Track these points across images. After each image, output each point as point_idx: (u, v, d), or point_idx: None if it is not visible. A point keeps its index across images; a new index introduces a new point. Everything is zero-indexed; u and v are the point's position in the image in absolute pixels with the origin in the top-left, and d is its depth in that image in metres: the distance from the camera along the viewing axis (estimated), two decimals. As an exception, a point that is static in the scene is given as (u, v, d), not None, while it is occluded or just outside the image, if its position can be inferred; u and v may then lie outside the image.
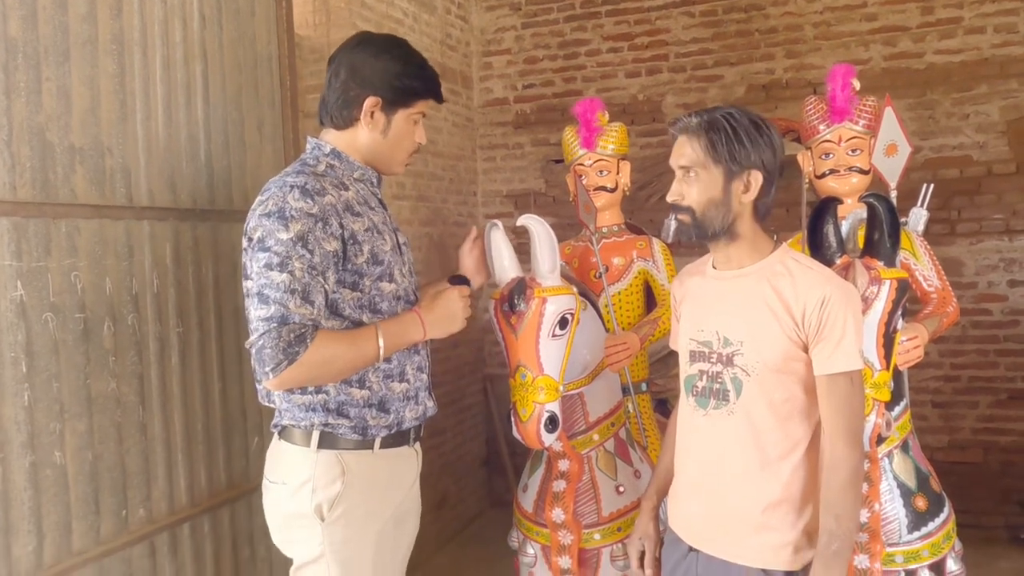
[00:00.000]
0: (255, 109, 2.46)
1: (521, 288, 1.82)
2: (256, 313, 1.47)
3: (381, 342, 1.55)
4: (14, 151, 1.75)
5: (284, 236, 1.47)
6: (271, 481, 1.65)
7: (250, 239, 1.53)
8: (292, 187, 1.52)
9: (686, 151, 1.50)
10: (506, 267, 1.89)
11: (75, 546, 1.85)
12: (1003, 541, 3.72)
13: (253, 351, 1.47)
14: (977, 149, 3.86)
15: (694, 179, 1.49)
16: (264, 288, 1.46)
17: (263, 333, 1.44)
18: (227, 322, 2.31)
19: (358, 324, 1.58)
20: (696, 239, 1.53)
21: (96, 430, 1.91)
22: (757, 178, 1.48)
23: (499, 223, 1.91)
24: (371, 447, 1.62)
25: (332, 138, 1.67)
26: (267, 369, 1.44)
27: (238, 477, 2.34)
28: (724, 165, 1.47)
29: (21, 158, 1.77)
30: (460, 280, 1.78)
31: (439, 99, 1.74)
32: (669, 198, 1.53)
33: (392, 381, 1.63)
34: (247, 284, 1.53)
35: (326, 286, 1.51)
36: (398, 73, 1.63)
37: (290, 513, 1.60)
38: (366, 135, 1.65)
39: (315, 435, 1.58)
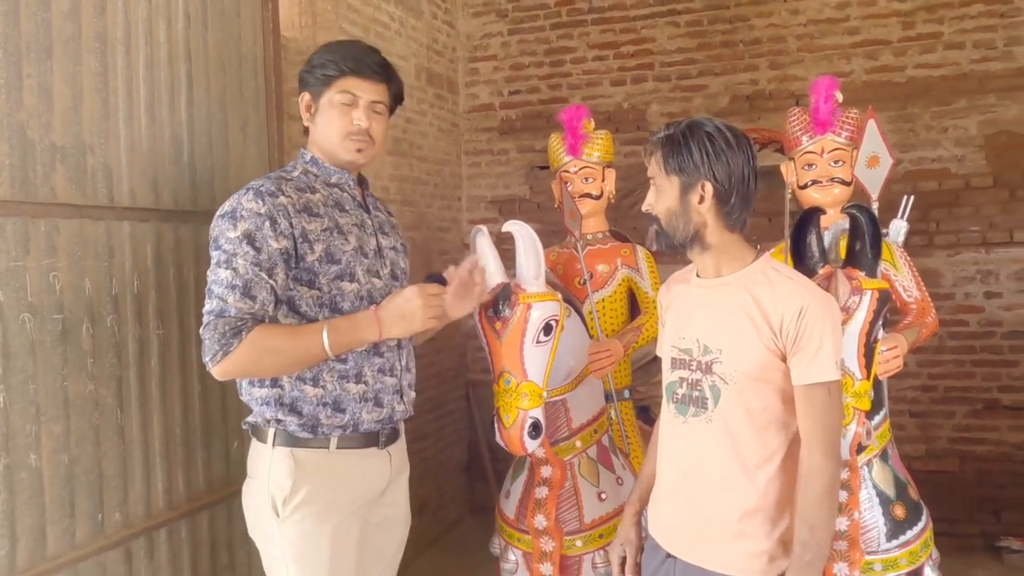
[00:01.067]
0: (239, 110, 2.44)
1: (506, 294, 1.82)
2: (205, 307, 1.57)
3: (325, 337, 1.56)
4: (-7, 149, 1.72)
5: (232, 235, 1.55)
6: (248, 475, 1.73)
7: (210, 239, 1.62)
8: (248, 189, 1.61)
9: (651, 163, 1.56)
10: (491, 272, 1.89)
11: (49, 550, 1.82)
12: (979, 549, 3.77)
13: (202, 342, 1.56)
14: (955, 162, 3.92)
15: (655, 190, 1.55)
16: (211, 284, 1.56)
17: (205, 325, 1.55)
18: (208, 325, 2.29)
19: (314, 321, 1.62)
20: (667, 247, 1.58)
21: (73, 432, 1.88)
22: (708, 189, 1.50)
23: (484, 228, 1.91)
24: (326, 446, 1.65)
25: (309, 145, 1.77)
26: (207, 359, 1.54)
27: (217, 481, 2.31)
28: (677, 176, 1.51)
29: (0, 155, 1.74)
30: (434, 278, 1.76)
31: (365, 76, 1.69)
32: (643, 208, 1.59)
33: (347, 382, 1.66)
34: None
35: (272, 282, 1.56)
36: (316, 64, 1.70)
37: (253, 506, 1.69)
38: (312, 131, 1.73)
39: (270, 432, 1.65)
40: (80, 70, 1.92)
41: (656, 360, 2.41)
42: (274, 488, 1.63)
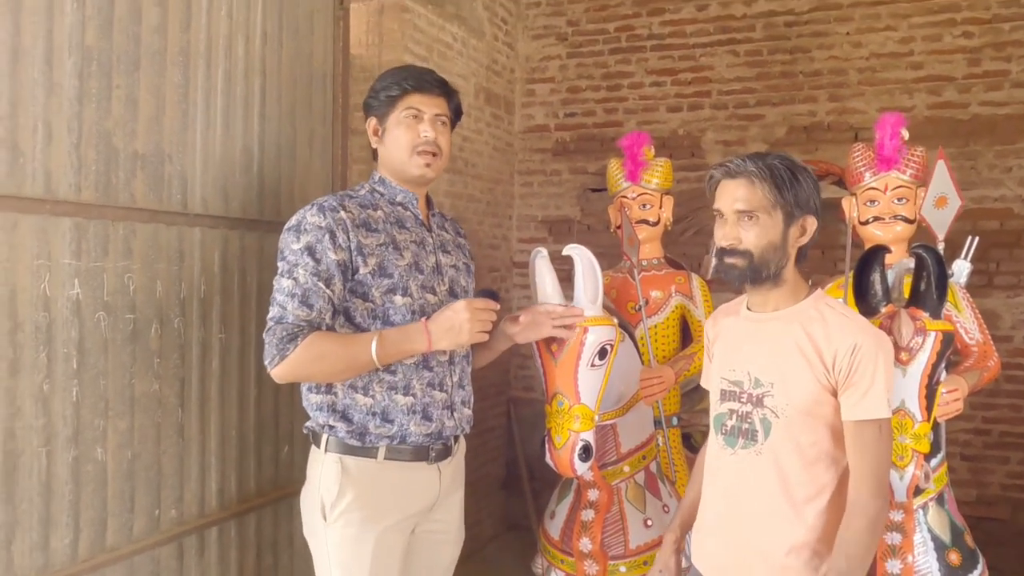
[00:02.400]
0: (307, 124, 2.52)
1: (563, 316, 1.83)
2: (268, 314, 1.67)
3: (374, 345, 1.63)
4: (82, 154, 1.81)
5: (295, 246, 1.66)
6: (306, 479, 1.79)
7: (279, 249, 1.72)
8: (313, 205, 1.71)
9: (744, 195, 1.50)
10: (549, 294, 1.91)
11: (109, 542, 1.88)
12: (1029, 602, 3.64)
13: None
14: (1019, 202, 3.83)
15: (753, 223, 1.50)
16: (275, 292, 1.66)
17: (266, 331, 1.64)
18: (267, 331, 2.35)
19: (367, 331, 1.69)
20: (749, 283, 1.53)
21: (137, 429, 1.95)
22: (812, 223, 1.50)
23: (544, 251, 1.93)
24: (373, 455, 1.70)
25: (378, 168, 1.87)
26: (266, 362, 1.64)
27: (267, 484, 2.37)
28: (786, 210, 1.49)
29: (87, 161, 1.83)
30: (487, 293, 1.80)
31: (427, 90, 1.78)
32: (724, 242, 1.53)
33: (396, 393, 1.71)
34: None
35: (330, 292, 1.65)
36: (380, 88, 1.80)
37: (308, 508, 1.76)
38: (381, 153, 1.82)
39: (324, 438, 1.72)
40: (164, 82, 2.01)
41: (698, 389, 2.40)
42: (324, 492, 1.70)
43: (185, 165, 2.08)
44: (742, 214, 1.50)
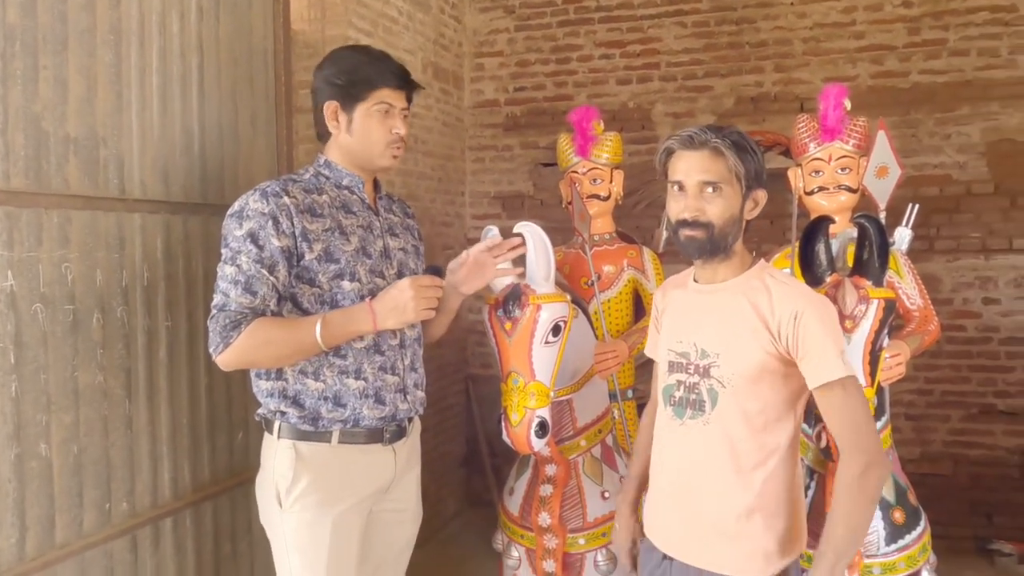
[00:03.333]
0: (249, 103, 2.45)
1: (516, 294, 1.83)
2: (212, 301, 1.66)
3: (318, 328, 1.62)
4: (8, 139, 1.73)
5: (238, 233, 1.64)
6: (260, 467, 1.79)
7: (220, 237, 1.70)
8: (256, 190, 1.68)
9: (709, 166, 1.49)
10: (497, 272, 1.91)
11: (58, 539, 1.83)
12: (971, 552, 3.81)
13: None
14: (957, 169, 3.94)
15: (717, 195, 1.49)
16: (219, 279, 1.65)
17: (210, 318, 1.64)
18: (216, 317, 2.30)
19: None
20: (708, 255, 1.53)
21: (82, 422, 1.89)
22: (763, 196, 1.53)
23: (495, 228, 1.92)
24: (327, 439, 1.70)
25: (327, 150, 1.81)
26: (211, 349, 1.64)
27: (221, 472, 2.33)
28: (745, 182, 1.50)
29: (15, 147, 1.74)
30: (432, 270, 1.81)
31: (397, 84, 1.76)
32: (686, 214, 1.51)
33: (347, 377, 1.71)
34: None
35: (273, 279, 1.64)
36: (337, 72, 1.74)
37: (262, 495, 1.76)
38: (340, 139, 1.77)
39: (276, 424, 1.71)
40: (94, 62, 1.93)
41: (655, 359, 2.43)
42: (278, 479, 1.70)
43: (121, 148, 2.00)
44: (706, 185, 1.50)
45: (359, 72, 1.74)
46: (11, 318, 1.72)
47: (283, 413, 1.71)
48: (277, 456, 1.71)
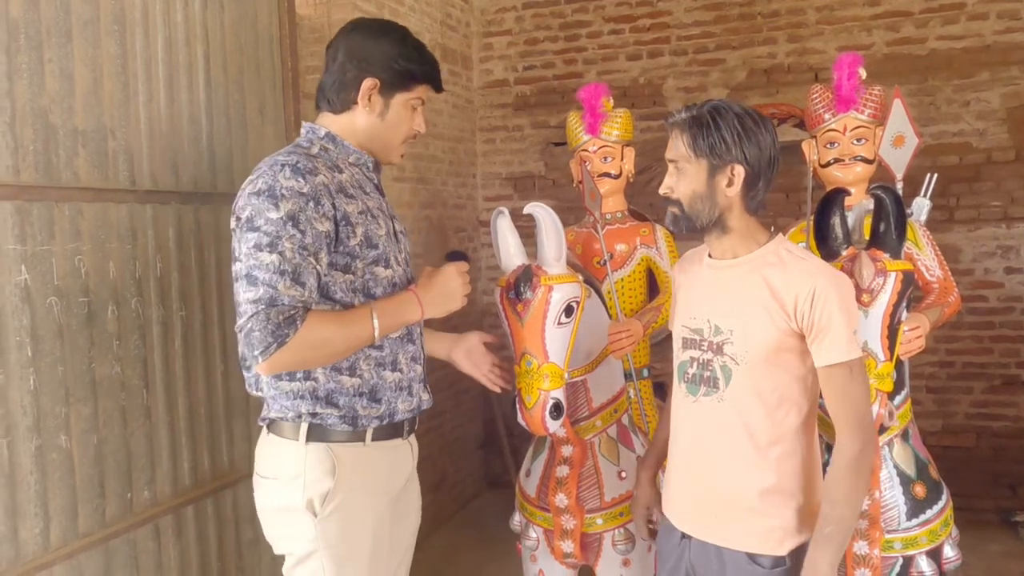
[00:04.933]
0: (256, 90, 2.44)
1: (527, 276, 1.82)
2: (245, 295, 1.42)
3: (376, 322, 1.51)
4: (17, 134, 1.73)
5: (274, 215, 1.43)
6: (261, 476, 1.62)
7: (238, 219, 1.48)
8: (283, 166, 1.48)
9: (672, 144, 1.53)
10: (512, 254, 1.89)
11: (81, 528, 1.86)
12: (994, 524, 3.78)
13: (242, 335, 1.42)
14: (977, 136, 3.86)
15: (680, 173, 1.53)
16: (253, 269, 1.42)
17: (252, 315, 1.40)
18: (229, 305, 2.29)
19: (349, 308, 1.54)
20: (686, 231, 1.56)
21: (101, 413, 1.91)
22: (739, 172, 1.49)
23: (505, 210, 1.91)
24: (362, 439, 1.58)
25: (328, 122, 1.65)
26: (256, 353, 1.40)
27: (241, 459, 2.35)
28: (706, 159, 1.49)
29: (24, 141, 1.75)
30: (457, 256, 1.74)
31: (438, 87, 1.70)
32: (661, 190, 1.57)
33: (384, 370, 1.59)
34: (236, 266, 1.48)
35: (318, 267, 1.47)
36: (397, 55, 1.61)
37: (281, 508, 1.57)
38: (364, 118, 1.63)
39: (303, 427, 1.54)
40: (99, 53, 1.92)
41: (671, 337, 2.42)
42: (310, 486, 1.52)
43: (130, 140, 2.01)
44: (672, 163, 1.54)
45: (415, 63, 1.62)
46: (26, 312, 1.74)
47: (315, 414, 1.54)
48: (308, 462, 1.53)
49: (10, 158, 1.72)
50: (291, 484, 1.54)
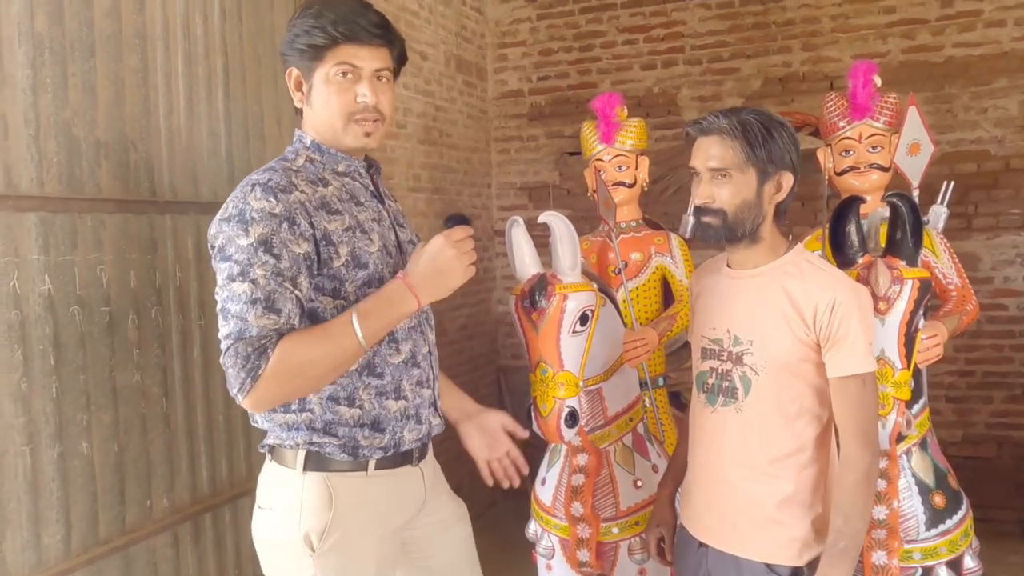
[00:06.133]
0: (274, 102, 2.47)
1: (542, 284, 1.83)
2: (221, 332, 1.32)
3: (358, 327, 1.33)
4: (41, 146, 1.77)
5: (244, 242, 1.30)
6: (259, 506, 1.50)
7: (212, 247, 1.36)
8: (254, 185, 1.34)
9: (717, 152, 1.47)
10: (527, 263, 1.90)
11: (101, 535, 1.88)
12: (1015, 535, 3.72)
13: (225, 373, 1.33)
14: (995, 143, 3.83)
15: (726, 181, 1.48)
16: (226, 302, 1.31)
17: (224, 352, 1.30)
18: (248, 315, 2.33)
19: None
20: (725, 241, 1.52)
21: (121, 421, 1.94)
22: (788, 179, 1.49)
23: (520, 219, 1.91)
24: (364, 469, 1.44)
25: (304, 127, 1.49)
26: (235, 391, 1.30)
27: (258, 468, 2.33)
28: (759, 167, 1.47)
29: (48, 153, 1.79)
30: (457, 219, 1.45)
31: (366, 41, 1.41)
32: (698, 201, 1.51)
33: (386, 399, 1.45)
34: (216, 297, 1.36)
35: (297, 292, 1.33)
36: (296, 34, 1.42)
37: (275, 540, 1.44)
38: (307, 115, 1.47)
39: (300, 455, 1.41)
40: (121, 67, 1.96)
41: (687, 346, 2.41)
42: (307, 519, 1.40)
43: (151, 151, 2.04)
44: (715, 172, 1.48)
45: (315, 27, 1.39)
46: (49, 321, 1.77)
47: (313, 443, 1.41)
48: (305, 493, 1.40)
49: (35, 170, 1.75)
50: (286, 515, 1.42)
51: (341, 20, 1.39)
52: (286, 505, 1.42)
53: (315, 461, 1.42)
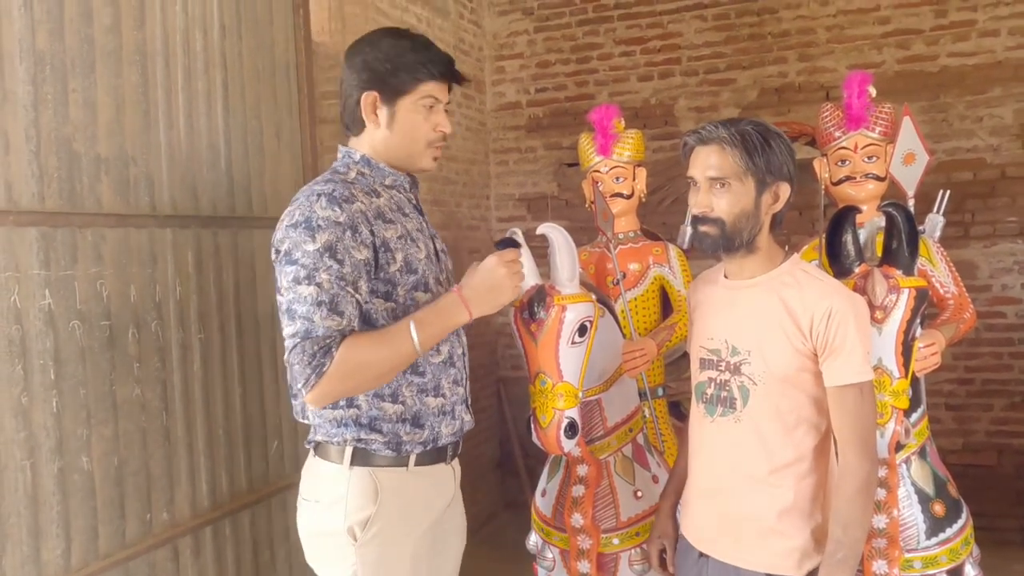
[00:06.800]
0: (273, 116, 2.49)
1: (541, 296, 1.83)
2: (286, 330, 1.44)
3: (415, 334, 1.46)
4: (42, 162, 1.78)
5: (311, 247, 1.43)
6: (303, 499, 1.61)
7: (277, 251, 1.48)
8: (319, 195, 1.47)
9: (716, 162, 1.48)
10: (525, 275, 1.91)
11: (101, 549, 1.88)
12: (1017, 544, 3.71)
13: (289, 370, 1.45)
14: (991, 152, 3.85)
15: (725, 191, 1.48)
16: (292, 303, 1.43)
17: (291, 349, 1.42)
18: (247, 328, 2.34)
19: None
20: (723, 251, 1.53)
21: (121, 435, 1.94)
22: (785, 190, 1.50)
23: (519, 231, 1.92)
24: (405, 464, 1.56)
25: (357, 145, 1.62)
26: (299, 386, 1.42)
27: (258, 481, 2.37)
28: (758, 177, 1.47)
29: (49, 168, 1.80)
30: (507, 243, 1.63)
31: (448, 79, 1.59)
32: (696, 210, 1.52)
33: (427, 396, 1.58)
34: (279, 299, 1.48)
35: (358, 296, 1.46)
36: (387, 59, 1.54)
37: (321, 532, 1.56)
38: (378, 134, 1.58)
39: (348, 451, 1.53)
40: (121, 83, 1.98)
41: (686, 356, 2.42)
42: (352, 511, 1.52)
43: (151, 166, 2.05)
44: (713, 181, 1.48)
45: (405, 60, 1.53)
46: (50, 335, 1.77)
47: (360, 440, 1.53)
48: (351, 487, 1.52)
49: (36, 185, 1.76)
50: (332, 508, 1.53)
51: (436, 61, 1.56)
52: (333, 498, 1.53)
53: (361, 457, 1.53)
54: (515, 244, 1.62)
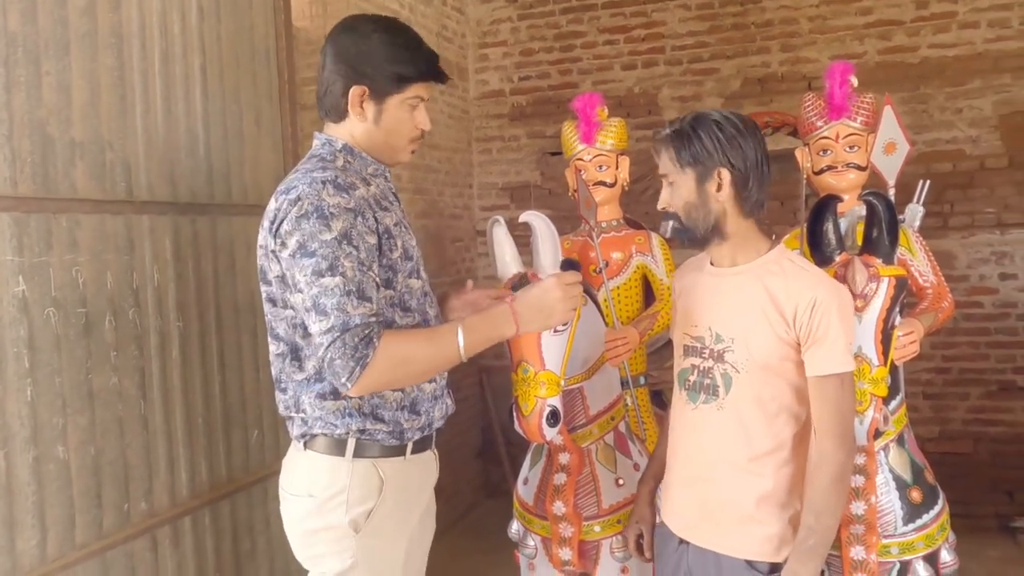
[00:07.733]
0: (253, 102, 2.45)
1: (523, 284, 1.83)
2: (317, 327, 1.39)
3: (461, 339, 1.44)
4: (15, 146, 1.74)
5: (328, 236, 1.39)
6: (292, 494, 1.57)
7: (285, 245, 1.43)
8: (324, 183, 1.43)
9: (662, 161, 1.57)
10: (508, 263, 1.90)
11: (78, 540, 1.86)
12: (992, 530, 3.78)
13: (325, 366, 1.41)
14: (970, 143, 3.89)
15: (672, 187, 1.56)
16: (319, 297, 1.38)
17: (329, 345, 1.38)
18: (227, 316, 2.31)
19: (389, 324, 1.50)
20: (688, 242, 1.59)
21: (98, 424, 1.91)
22: (726, 176, 1.51)
23: (501, 219, 1.92)
24: (403, 453, 1.56)
25: (334, 132, 1.58)
26: (343, 380, 1.38)
27: (238, 470, 2.35)
28: (692, 168, 1.52)
29: (22, 152, 1.76)
30: (569, 265, 1.65)
31: (437, 79, 1.60)
32: (659, 206, 1.60)
33: (424, 381, 1.58)
34: (297, 297, 1.44)
35: (377, 280, 1.45)
36: (384, 58, 1.52)
37: (318, 527, 1.53)
38: (359, 127, 1.56)
39: (350, 443, 1.51)
40: (97, 66, 1.94)
41: (669, 345, 2.43)
42: (354, 503, 1.50)
43: (127, 151, 2.02)
44: (664, 179, 1.58)
45: (405, 62, 1.53)
46: (24, 323, 1.74)
47: (362, 431, 1.51)
48: (353, 478, 1.50)
49: (8, 170, 1.73)
50: (331, 501, 1.50)
51: (427, 61, 1.56)
52: (331, 492, 1.50)
53: (363, 448, 1.52)
54: (576, 267, 1.64)
